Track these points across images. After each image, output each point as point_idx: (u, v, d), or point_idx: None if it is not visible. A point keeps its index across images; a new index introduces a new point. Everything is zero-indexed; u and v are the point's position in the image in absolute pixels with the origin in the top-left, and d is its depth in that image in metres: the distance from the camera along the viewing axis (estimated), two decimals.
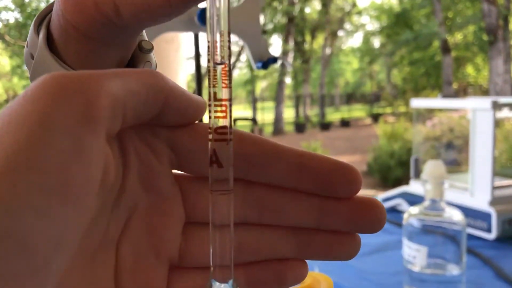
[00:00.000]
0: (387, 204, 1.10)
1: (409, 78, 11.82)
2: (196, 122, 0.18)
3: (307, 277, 0.41)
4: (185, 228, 0.18)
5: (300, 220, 0.18)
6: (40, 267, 0.13)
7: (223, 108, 0.15)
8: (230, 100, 0.15)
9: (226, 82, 0.15)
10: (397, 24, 10.60)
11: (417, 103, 1.17)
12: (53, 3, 0.24)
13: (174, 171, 0.18)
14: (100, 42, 0.23)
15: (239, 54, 11.29)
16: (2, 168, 0.13)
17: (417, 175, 1.10)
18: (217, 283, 0.15)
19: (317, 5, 11.75)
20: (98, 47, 0.23)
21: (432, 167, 0.66)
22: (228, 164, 0.15)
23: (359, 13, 12.24)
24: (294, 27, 11.13)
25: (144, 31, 0.26)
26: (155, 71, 0.17)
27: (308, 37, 12.60)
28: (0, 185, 0.12)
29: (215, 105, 0.15)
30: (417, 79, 11.43)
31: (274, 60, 0.68)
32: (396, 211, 1.08)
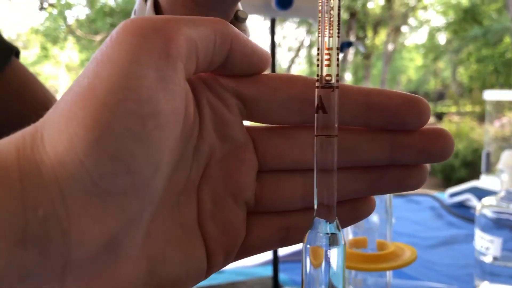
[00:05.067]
0: (455, 199, 1.07)
1: (476, 76, 11.31)
2: (263, 74, 0.19)
3: (390, 245, 0.41)
4: (259, 176, 0.20)
5: (373, 158, 0.19)
6: (141, 188, 0.15)
7: (328, 57, 0.16)
8: (338, 49, 0.16)
9: (332, 31, 0.16)
10: (465, 19, 10.15)
11: (491, 95, 1.12)
12: None
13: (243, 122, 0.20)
14: (205, 7, 0.25)
15: (298, 49, 11.26)
16: (103, 99, 0.15)
17: (488, 169, 1.06)
18: (322, 221, 0.16)
19: (381, 0, 11.49)
20: (203, 13, 0.25)
21: (509, 157, 0.64)
22: (333, 110, 0.16)
23: (425, 8, 11.85)
24: (356, 22, 10.95)
25: (240, 3, 0.27)
26: (223, 20, 0.18)
27: (370, 33, 12.36)
28: (103, 113, 0.15)
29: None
30: (485, 77, 10.92)
31: (348, 44, 0.67)
32: (464, 207, 1.05)
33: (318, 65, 0.16)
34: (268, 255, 0.75)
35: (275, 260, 0.65)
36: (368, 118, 0.18)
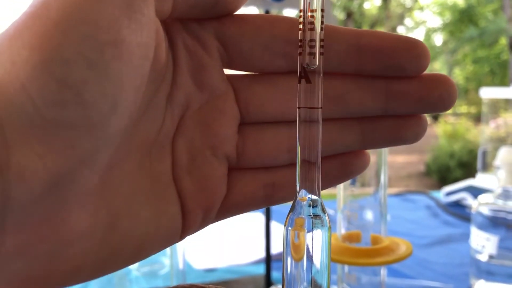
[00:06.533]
0: (451, 198, 1.05)
1: (472, 77, 11.34)
2: (245, 13, 0.17)
3: (385, 239, 0.39)
4: (241, 128, 0.18)
5: (366, 107, 0.17)
6: (96, 124, 0.14)
7: (312, 20, 0.14)
8: (322, 11, 0.14)
9: None
10: (461, 20, 10.17)
11: (488, 92, 1.11)
12: None
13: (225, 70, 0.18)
14: None
15: None
16: (56, 18, 0.13)
17: (485, 168, 1.05)
18: (305, 203, 0.14)
19: (377, 1, 11.51)
20: None
21: (506, 154, 0.62)
22: (318, 79, 0.14)
23: (421, 9, 11.88)
24: (352, 22, 10.96)
25: None
26: None
27: None
28: (54, 35, 0.13)
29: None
30: (480, 78, 10.95)
31: None
32: (459, 206, 1.04)
33: (300, 29, 0.14)
34: (260, 254, 0.73)
35: (268, 258, 0.63)
36: (359, 62, 0.16)
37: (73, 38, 0.13)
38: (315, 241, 0.14)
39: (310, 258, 0.14)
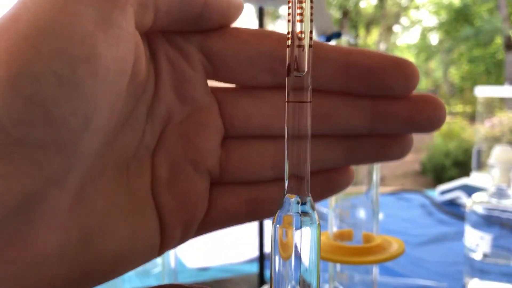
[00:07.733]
0: (446, 197, 1.05)
1: (467, 77, 11.37)
2: (231, 27, 0.17)
3: (377, 238, 0.39)
4: (225, 142, 0.18)
5: (352, 126, 0.17)
6: (66, 143, 0.13)
7: (300, 11, 0.14)
8: (311, 1, 0.14)
9: None
10: (457, 19, 10.19)
11: (483, 91, 1.11)
12: None
13: (209, 82, 0.17)
14: None
15: None
16: (25, 32, 0.12)
17: (479, 166, 1.05)
18: (293, 200, 0.14)
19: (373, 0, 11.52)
20: None
21: (500, 152, 0.62)
22: (307, 72, 0.14)
23: (417, 8, 11.89)
24: (348, 21, 10.96)
25: None
26: None
27: (362, 32, 12.38)
28: (23, 49, 0.12)
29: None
30: (476, 77, 10.97)
31: (338, 35, 0.65)
32: (454, 204, 1.04)
33: (289, 21, 0.14)
34: (254, 252, 0.73)
35: (261, 257, 0.63)
36: (347, 80, 0.16)
37: (44, 53, 0.12)
38: (304, 239, 0.13)
39: (298, 256, 0.13)
